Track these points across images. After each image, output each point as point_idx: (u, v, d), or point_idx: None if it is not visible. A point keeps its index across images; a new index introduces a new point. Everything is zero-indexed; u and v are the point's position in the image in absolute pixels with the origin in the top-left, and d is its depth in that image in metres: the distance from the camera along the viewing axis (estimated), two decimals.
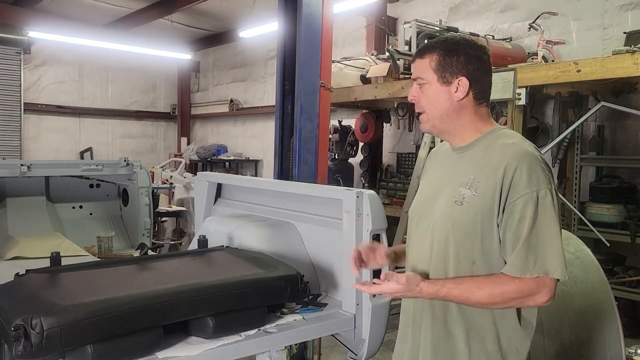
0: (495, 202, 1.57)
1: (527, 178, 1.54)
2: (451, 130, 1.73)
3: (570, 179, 5.67)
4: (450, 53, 1.66)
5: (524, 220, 1.53)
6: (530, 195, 1.53)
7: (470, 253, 1.63)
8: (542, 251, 1.53)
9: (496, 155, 1.61)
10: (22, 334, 1.45)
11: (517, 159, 1.56)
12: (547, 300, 1.56)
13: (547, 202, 1.54)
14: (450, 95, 1.67)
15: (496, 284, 1.56)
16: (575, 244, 2.77)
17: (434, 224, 1.71)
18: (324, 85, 3.77)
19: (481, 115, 1.71)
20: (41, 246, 3.15)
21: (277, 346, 1.99)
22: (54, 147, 11.04)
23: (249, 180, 3.47)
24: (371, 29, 8.00)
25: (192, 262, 2.24)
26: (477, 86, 1.68)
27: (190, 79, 12.85)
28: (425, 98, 1.71)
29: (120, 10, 9.74)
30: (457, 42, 1.70)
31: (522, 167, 1.55)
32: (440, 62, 1.66)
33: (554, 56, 5.65)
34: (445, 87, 1.67)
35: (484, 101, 1.71)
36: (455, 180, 1.68)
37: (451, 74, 1.66)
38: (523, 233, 1.53)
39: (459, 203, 1.63)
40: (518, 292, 1.54)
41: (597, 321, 2.50)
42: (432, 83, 1.68)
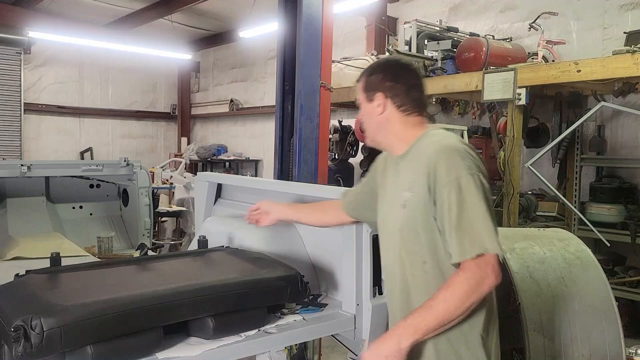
0: (429, 198, 1.65)
1: (446, 169, 1.62)
2: (387, 141, 1.86)
3: (571, 179, 5.67)
4: (372, 74, 1.84)
5: (451, 207, 1.60)
6: (452, 184, 1.60)
7: (419, 253, 1.70)
8: (473, 232, 1.58)
9: (423, 155, 1.71)
10: (22, 335, 1.45)
11: (436, 154, 1.66)
12: (494, 279, 1.59)
13: (470, 187, 1.60)
14: (373, 111, 1.83)
15: (447, 287, 1.58)
16: (576, 244, 2.77)
17: (390, 233, 1.82)
18: (324, 85, 3.76)
19: (412, 124, 1.82)
20: (41, 246, 3.15)
21: (277, 346, 1.99)
22: (54, 147, 11.04)
23: (249, 180, 3.47)
24: (371, 29, 8.01)
25: (192, 262, 2.24)
26: (398, 100, 1.80)
27: (190, 79, 12.86)
28: (362, 116, 1.90)
29: (121, 10, 9.74)
30: (380, 64, 1.90)
31: (440, 160, 1.64)
32: (365, 83, 1.85)
33: (554, 56, 5.65)
34: (370, 103, 1.84)
35: (413, 112, 1.82)
36: (399, 186, 1.78)
37: (373, 92, 1.82)
38: (453, 220, 1.59)
39: (402, 206, 1.73)
40: (470, 283, 1.56)
41: (597, 321, 2.50)
42: (362, 103, 1.87)
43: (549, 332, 2.40)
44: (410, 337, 1.59)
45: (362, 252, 2.12)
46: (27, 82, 10.54)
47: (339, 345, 2.27)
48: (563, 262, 2.63)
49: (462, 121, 6.60)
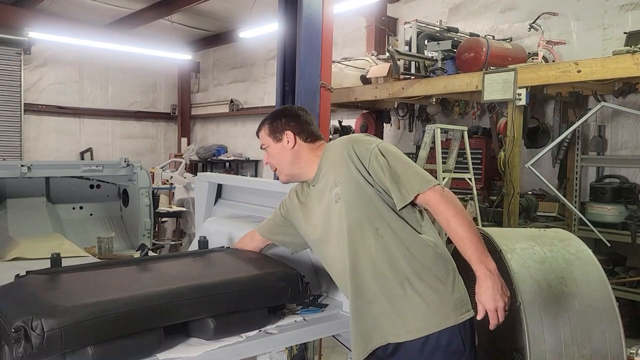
0: (359, 176, 1.93)
1: (363, 146, 1.96)
2: (300, 171, 2.14)
3: (571, 179, 5.67)
4: (275, 120, 2.16)
5: (383, 168, 1.90)
6: (374, 153, 1.93)
7: (370, 224, 1.92)
8: (403, 180, 1.89)
9: (334, 154, 2.02)
10: (23, 336, 1.45)
11: (346, 143, 1.99)
12: (444, 193, 1.88)
13: (387, 149, 1.95)
14: (284, 146, 2.12)
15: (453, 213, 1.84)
16: (576, 244, 2.77)
17: (338, 228, 1.98)
18: (324, 85, 3.77)
19: (316, 147, 2.13)
20: (41, 247, 3.15)
21: (277, 347, 1.99)
22: (54, 147, 11.04)
23: (249, 180, 3.47)
24: (371, 29, 8.00)
25: (193, 263, 2.23)
26: (302, 134, 2.13)
27: (190, 80, 12.86)
28: (272, 157, 2.17)
29: (121, 10, 9.74)
30: (277, 112, 2.22)
31: (353, 144, 1.97)
32: (270, 128, 2.16)
33: (554, 56, 5.65)
34: (279, 143, 2.14)
35: (315, 139, 2.14)
36: (326, 192, 2.03)
37: (280, 133, 2.13)
38: (387, 177, 1.89)
39: (336, 201, 1.97)
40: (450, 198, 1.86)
41: (597, 321, 2.50)
42: (271, 145, 2.16)
43: (550, 332, 2.40)
44: (486, 259, 1.78)
45: None
46: (27, 83, 10.54)
47: (340, 345, 2.27)
48: (563, 263, 2.63)
49: (462, 121, 6.60)
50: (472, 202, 5.08)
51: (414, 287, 1.87)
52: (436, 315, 1.87)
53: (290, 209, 2.23)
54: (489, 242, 2.63)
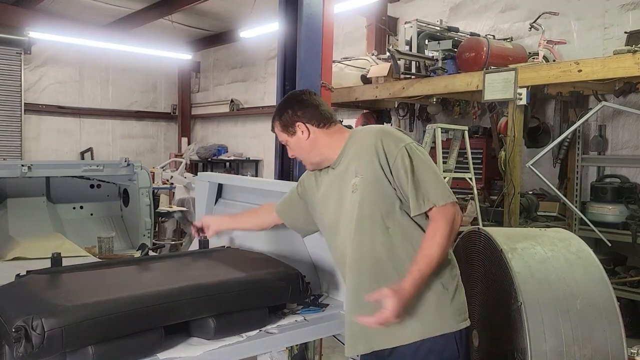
0: (381, 172, 1.90)
1: (392, 142, 1.92)
2: (323, 158, 2.09)
3: (572, 178, 5.67)
4: (282, 114, 2.10)
5: (406, 171, 1.87)
6: (401, 153, 1.89)
7: (381, 222, 1.91)
8: (424, 188, 1.86)
9: (360, 143, 1.99)
10: (23, 335, 1.45)
11: (377, 135, 1.95)
12: (458, 223, 1.87)
13: (415, 152, 1.91)
14: (301, 139, 2.08)
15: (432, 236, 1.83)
16: (577, 243, 2.77)
17: (349, 218, 1.96)
18: (324, 85, 3.76)
19: (334, 132, 2.09)
20: (42, 247, 3.15)
21: (278, 347, 1.99)
22: (54, 147, 11.04)
23: (249, 180, 3.47)
24: (372, 29, 8.00)
25: (193, 262, 2.24)
26: (313, 120, 2.07)
27: (190, 79, 12.85)
28: (293, 150, 2.13)
29: (121, 10, 9.73)
30: (282, 104, 2.14)
31: (384, 137, 1.94)
32: (281, 124, 2.11)
33: (555, 56, 5.64)
34: (295, 136, 2.09)
35: (327, 123, 2.09)
36: (345, 180, 2.00)
37: (292, 126, 2.08)
38: (409, 181, 1.87)
39: (353, 191, 1.95)
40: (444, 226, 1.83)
41: (598, 321, 2.50)
42: (288, 140, 2.11)
43: (551, 332, 2.40)
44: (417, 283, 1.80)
45: None
46: (27, 83, 10.53)
47: (340, 345, 2.26)
48: (564, 262, 2.62)
49: (462, 121, 6.60)
50: (472, 202, 5.08)
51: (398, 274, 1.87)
52: (435, 319, 1.87)
53: (308, 188, 2.21)
54: (490, 242, 2.62)
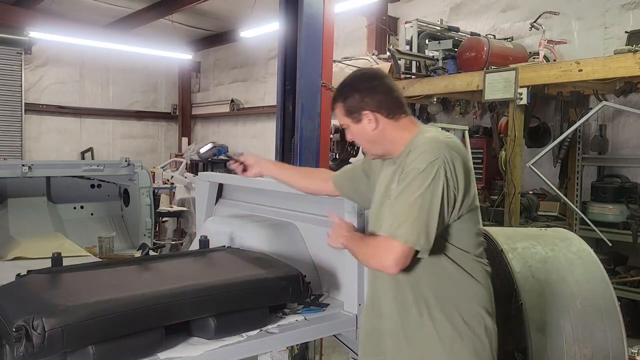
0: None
1: (415, 157, 1.69)
2: (387, 149, 1.89)
3: (572, 178, 5.66)
4: (348, 97, 1.86)
5: (399, 189, 1.69)
6: (413, 172, 1.66)
7: None
8: (398, 216, 1.64)
9: (413, 147, 1.76)
10: (24, 335, 1.45)
11: (416, 145, 1.73)
12: (389, 265, 1.63)
13: (424, 176, 1.63)
14: (366, 128, 1.85)
15: (363, 240, 1.79)
16: (577, 243, 2.77)
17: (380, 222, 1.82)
18: (325, 85, 3.76)
19: (403, 125, 1.86)
20: (42, 247, 3.14)
21: (279, 346, 1.99)
22: (55, 147, 11.05)
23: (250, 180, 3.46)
24: (372, 28, 8.00)
25: (194, 262, 2.24)
26: (383, 109, 1.84)
27: (191, 79, 12.86)
28: (354, 137, 1.92)
29: (121, 10, 9.74)
30: (349, 85, 1.90)
31: (417, 148, 1.71)
32: (344, 107, 1.87)
33: (555, 56, 5.64)
34: (359, 124, 1.86)
35: (399, 114, 1.86)
36: (390, 182, 1.84)
37: (357, 113, 1.85)
38: (393, 199, 1.72)
39: (389, 197, 1.80)
40: (367, 251, 1.73)
41: (599, 321, 2.50)
42: (350, 126, 1.89)
43: (551, 332, 2.40)
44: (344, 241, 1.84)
45: None
46: (27, 82, 10.54)
47: (341, 345, 2.27)
48: (565, 262, 2.62)
49: (463, 121, 6.59)
50: None
51: (432, 316, 1.73)
52: (448, 355, 1.72)
53: (374, 166, 2.04)
54: (490, 242, 2.62)
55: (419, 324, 1.74)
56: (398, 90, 1.89)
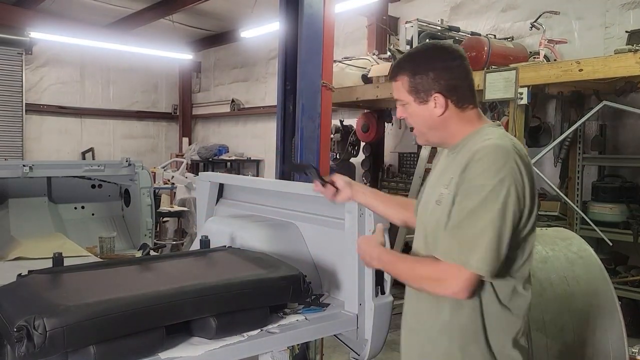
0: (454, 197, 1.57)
1: (480, 171, 1.51)
2: (443, 140, 1.73)
3: (573, 178, 5.66)
4: (419, 72, 1.64)
5: (464, 208, 1.51)
6: (480, 189, 1.49)
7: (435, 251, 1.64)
8: (468, 242, 1.48)
9: (468, 153, 1.57)
10: (25, 335, 1.45)
11: (481, 152, 1.53)
12: (458, 292, 1.52)
13: (494, 197, 1.48)
14: (431, 112, 1.66)
15: (419, 262, 1.66)
16: (578, 243, 2.77)
17: (424, 226, 1.74)
18: (325, 85, 3.76)
19: (468, 118, 1.69)
20: (43, 247, 3.15)
21: (279, 346, 1.99)
22: (55, 147, 11.05)
23: (250, 180, 3.47)
24: (372, 28, 8.00)
25: (195, 262, 2.24)
26: (455, 95, 1.65)
27: (191, 79, 12.86)
28: (410, 117, 1.72)
29: (122, 10, 9.74)
30: (423, 58, 1.68)
31: (483, 157, 1.52)
32: (411, 83, 1.65)
33: (555, 55, 5.64)
34: (423, 105, 1.66)
35: (467, 104, 1.69)
36: (441, 181, 1.69)
37: (425, 93, 1.64)
38: (457, 219, 1.52)
39: (438, 203, 1.64)
40: (431, 274, 1.57)
41: (600, 321, 2.50)
42: (410, 104, 1.68)
43: (552, 331, 2.40)
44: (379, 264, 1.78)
45: None
46: (28, 83, 10.55)
47: (341, 345, 2.27)
48: (565, 262, 2.62)
49: None
50: None
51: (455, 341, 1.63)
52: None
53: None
54: None
55: (445, 349, 1.64)
56: (471, 75, 1.72)
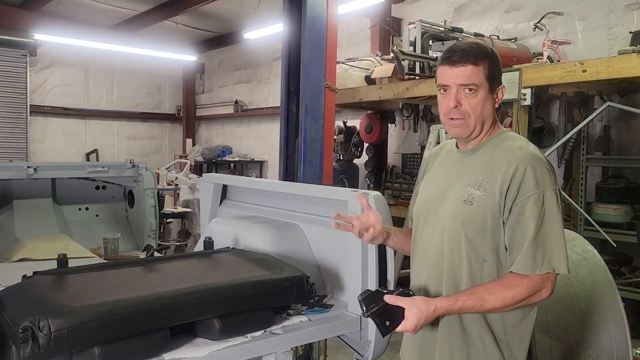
0: (502, 201, 1.66)
1: (535, 179, 1.64)
2: (478, 133, 1.78)
3: (576, 179, 5.65)
4: (496, 62, 1.76)
5: (532, 219, 1.62)
6: (537, 196, 1.63)
7: (481, 251, 1.71)
8: (549, 249, 1.63)
9: (504, 158, 1.70)
10: (30, 336, 1.45)
11: (526, 161, 1.66)
12: (549, 294, 1.67)
13: (552, 202, 1.64)
14: (492, 103, 1.76)
15: (507, 288, 1.65)
16: (582, 244, 2.76)
17: (442, 223, 1.78)
18: (328, 86, 3.77)
19: (495, 119, 1.81)
20: (48, 248, 3.16)
21: (283, 347, 1.99)
22: (59, 149, 11.09)
23: (254, 181, 3.47)
24: (375, 29, 8.00)
25: (198, 263, 2.24)
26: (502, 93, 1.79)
27: (195, 81, 12.88)
28: (470, 104, 1.73)
29: (126, 12, 9.77)
30: (492, 50, 1.79)
31: (530, 169, 1.64)
32: (490, 70, 1.73)
33: (559, 56, 5.63)
34: (491, 95, 1.75)
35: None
36: (463, 180, 1.76)
37: (496, 83, 1.75)
38: (531, 232, 1.62)
39: (468, 202, 1.71)
40: (527, 292, 1.64)
41: (604, 322, 2.49)
42: (482, 89, 1.73)
43: (556, 333, 2.40)
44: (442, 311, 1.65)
45: (367, 252, 2.11)
46: (32, 84, 10.59)
47: (345, 346, 2.27)
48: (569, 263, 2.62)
49: None
50: None
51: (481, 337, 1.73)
52: None
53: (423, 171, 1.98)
54: None
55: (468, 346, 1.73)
56: None
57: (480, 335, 1.73)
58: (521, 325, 1.76)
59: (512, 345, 1.75)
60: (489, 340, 1.73)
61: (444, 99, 1.76)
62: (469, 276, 1.73)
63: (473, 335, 1.74)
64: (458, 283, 1.75)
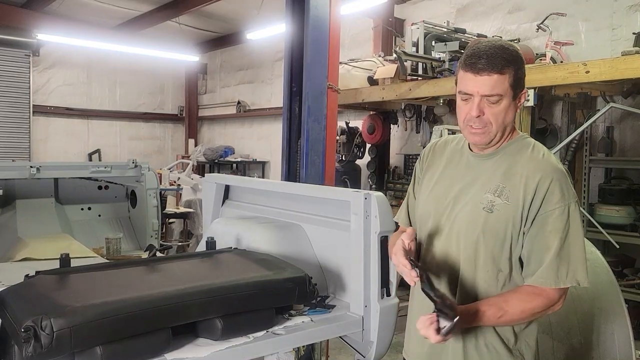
0: (525, 211, 1.63)
1: (560, 192, 1.62)
2: (499, 139, 1.71)
3: (579, 180, 5.64)
4: (521, 66, 1.66)
5: (555, 232, 1.61)
6: (562, 209, 1.61)
7: (497, 260, 1.68)
8: (573, 263, 1.62)
9: (527, 167, 1.66)
10: (32, 335, 1.45)
11: (551, 173, 1.64)
12: (560, 307, 1.68)
13: (576, 216, 1.62)
14: (515, 108, 1.68)
15: (525, 301, 1.64)
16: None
17: (458, 230, 1.73)
18: (331, 86, 3.77)
19: (512, 125, 1.74)
20: (50, 248, 3.17)
21: (285, 348, 1.99)
22: (62, 149, 11.11)
23: (256, 182, 3.47)
24: (378, 30, 8.00)
25: (201, 263, 2.24)
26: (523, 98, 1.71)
27: (197, 81, 12.90)
28: (492, 113, 1.64)
29: (129, 12, 9.79)
30: (517, 53, 1.66)
31: (556, 181, 1.62)
32: (515, 78, 1.63)
33: (562, 57, 5.62)
34: (514, 102, 1.66)
35: None
36: (480, 186, 1.71)
37: (520, 89, 1.66)
38: (553, 245, 1.61)
39: (487, 210, 1.66)
40: (545, 305, 1.64)
41: (606, 324, 2.49)
42: (506, 97, 1.63)
43: (559, 334, 2.39)
44: (469, 323, 1.60)
45: (370, 253, 2.11)
46: (35, 84, 10.61)
47: (347, 346, 2.26)
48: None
49: None
50: None
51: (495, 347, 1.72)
52: None
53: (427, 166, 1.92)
54: None
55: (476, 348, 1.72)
56: None
57: (494, 345, 1.72)
58: (526, 331, 1.75)
59: (523, 353, 1.74)
60: (502, 350, 1.71)
61: (465, 105, 1.67)
62: (485, 286, 1.69)
63: (487, 345, 1.72)
64: (473, 293, 1.70)
